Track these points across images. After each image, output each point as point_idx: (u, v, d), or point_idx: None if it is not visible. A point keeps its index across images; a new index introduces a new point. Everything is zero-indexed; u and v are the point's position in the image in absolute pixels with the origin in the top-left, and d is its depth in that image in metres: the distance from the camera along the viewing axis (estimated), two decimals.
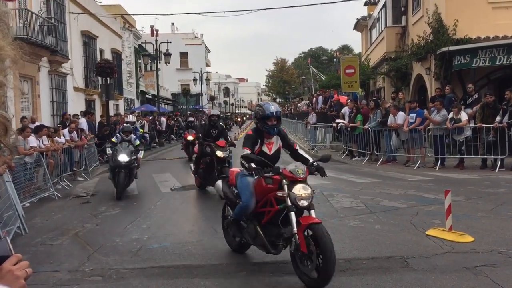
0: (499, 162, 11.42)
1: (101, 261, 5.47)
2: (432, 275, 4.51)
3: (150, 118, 26.35)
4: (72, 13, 21.51)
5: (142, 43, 39.08)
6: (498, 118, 11.43)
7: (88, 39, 24.36)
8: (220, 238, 6.18)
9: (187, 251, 5.68)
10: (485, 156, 11.80)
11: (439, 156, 12.43)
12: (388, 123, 13.71)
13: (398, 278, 4.47)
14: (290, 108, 51.59)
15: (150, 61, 34.87)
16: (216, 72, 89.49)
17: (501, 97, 12.68)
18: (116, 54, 29.71)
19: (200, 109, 49.19)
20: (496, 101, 12.05)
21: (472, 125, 12.16)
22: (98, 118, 20.35)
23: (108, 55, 27.07)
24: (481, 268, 4.59)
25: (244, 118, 60.43)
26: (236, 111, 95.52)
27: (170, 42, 34.86)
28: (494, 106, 11.79)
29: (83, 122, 15.63)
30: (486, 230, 6.00)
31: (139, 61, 38.15)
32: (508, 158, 11.39)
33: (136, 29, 41.25)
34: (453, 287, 4.19)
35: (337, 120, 17.56)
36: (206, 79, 57.23)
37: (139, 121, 22.61)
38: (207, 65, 69.57)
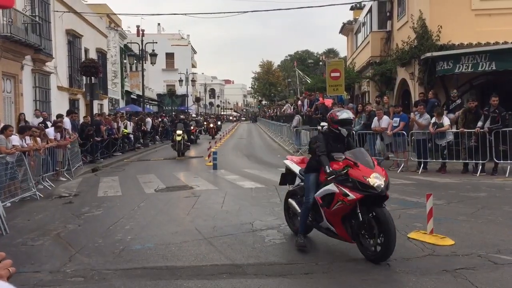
0: (480, 166, 11.60)
1: (83, 262, 5.43)
2: (413, 277, 4.57)
3: (136, 118, 26.20)
4: (57, 11, 21.31)
5: (127, 43, 38.85)
6: (479, 124, 11.62)
7: (73, 38, 24.14)
8: (204, 239, 6.19)
9: (171, 252, 5.67)
10: (467, 161, 11.99)
11: (422, 160, 12.58)
12: (372, 126, 13.84)
13: (380, 280, 4.52)
14: (275, 110, 51.70)
15: (135, 61, 34.66)
16: (202, 73, 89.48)
17: (483, 103, 12.90)
18: (101, 53, 29.49)
19: (186, 110, 49.04)
20: (478, 106, 12.25)
21: (454, 130, 12.33)
22: (82, 118, 20.15)
23: (93, 55, 26.85)
24: (461, 271, 4.67)
25: (219, 123, 47.15)
26: (222, 113, 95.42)
27: (156, 43, 34.70)
28: (476, 111, 11.98)
29: (66, 122, 15.45)
30: (467, 233, 6.09)
31: (125, 61, 37.92)
32: (489, 163, 11.59)
33: (122, 29, 41.04)
34: None
35: (322, 123, 17.65)
36: (192, 80, 57.14)
37: (123, 122, 22.46)
38: (193, 66, 69.41)
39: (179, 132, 19.02)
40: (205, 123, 40.61)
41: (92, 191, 10.96)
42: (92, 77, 17.66)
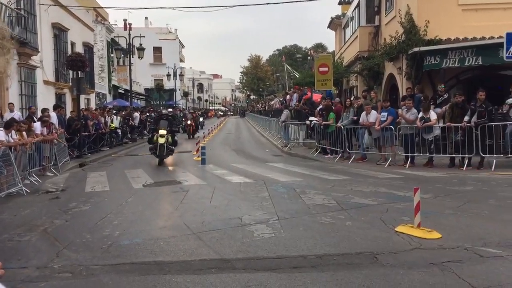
0: (467, 160, 11.73)
1: (70, 257, 5.38)
2: (400, 270, 4.61)
3: (123, 113, 26.02)
4: (43, 4, 21.00)
5: (114, 37, 38.53)
6: (466, 118, 11.74)
7: (59, 31, 23.86)
8: (192, 234, 6.18)
9: (159, 247, 5.65)
10: (453, 155, 12.10)
11: (409, 154, 12.68)
12: (360, 121, 13.90)
13: (367, 274, 4.55)
14: (264, 105, 51.72)
15: (122, 55, 34.41)
16: (190, 67, 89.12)
17: (469, 97, 13.02)
18: (88, 47, 29.20)
19: (174, 105, 48.81)
20: (465, 101, 12.36)
21: (441, 124, 12.44)
22: (69, 113, 19.97)
23: (79, 49, 26.58)
24: (447, 264, 4.72)
25: (201, 119, 42.11)
26: (210, 107, 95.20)
27: (144, 37, 34.47)
28: (462, 106, 12.09)
29: (53, 116, 15.30)
30: (453, 227, 6.16)
31: (112, 55, 37.60)
32: (475, 157, 11.71)
33: (109, 22, 40.68)
34: (420, 282, 4.29)
35: (311, 118, 17.72)
36: (180, 75, 56.94)
37: (110, 117, 22.32)
38: (181, 60, 69.10)
39: (162, 132, 14.58)
40: (183, 119, 34.99)
41: (80, 186, 10.87)
42: (79, 71, 17.48)
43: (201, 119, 41.57)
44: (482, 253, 5.03)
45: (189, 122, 29.87)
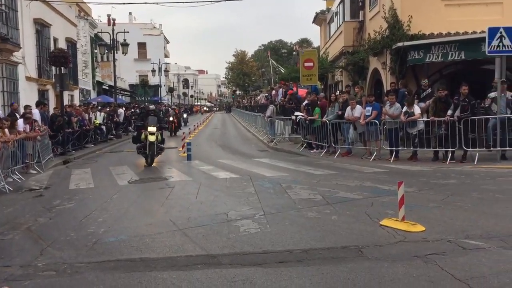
0: (450, 154, 11.87)
1: (54, 255, 5.33)
2: (385, 263, 4.66)
3: (108, 109, 25.79)
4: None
5: (98, 32, 38.13)
6: (449, 112, 11.87)
7: (41, 27, 23.52)
8: (178, 230, 6.16)
9: (145, 244, 5.62)
10: (437, 149, 12.24)
11: (394, 148, 12.79)
12: (345, 116, 13.97)
13: (352, 267, 4.58)
14: (249, 100, 51.69)
15: (106, 51, 34.12)
16: (175, 63, 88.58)
17: (453, 91, 13.16)
18: (71, 43, 28.86)
19: (159, 101, 48.51)
20: (448, 95, 12.49)
21: (425, 118, 12.56)
22: (52, 109, 19.73)
23: (62, 44, 26.22)
24: (431, 256, 4.77)
25: (185, 115, 39.57)
26: (196, 103, 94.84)
27: (128, 32, 34.14)
28: (446, 100, 12.22)
29: (36, 113, 15.10)
30: (437, 220, 6.23)
31: (95, 51, 37.19)
32: (458, 151, 11.86)
33: (92, 18, 40.18)
34: (404, 275, 4.34)
35: (296, 113, 17.75)
36: (165, 70, 56.56)
37: (94, 113, 22.11)
38: (166, 56, 68.62)
39: (152, 129, 13.20)
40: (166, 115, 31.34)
41: (64, 184, 10.77)
42: (62, 67, 17.26)
43: (184, 115, 39.18)
44: (465, 245, 5.10)
45: (171, 118, 28.13)
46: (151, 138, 13.13)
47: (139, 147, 13.69)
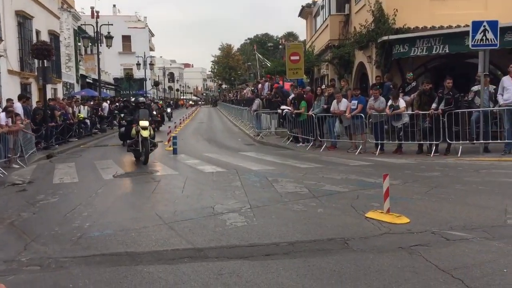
0: (434, 147, 12.00)
1: (39, 250, 5.27)
2: (370, 255, 4.70)
3: (92, 103, 25.52)
4: None
5: (81, 25, 37.62)
6: (434, 105, 11.98)
7: (23, 19, 23.13)
8: (164, 224, 6.14)
9: (130, 238, 5.59)
10: (421, 142, 12.36)
11: (379, 141, 12.89)
12: (331, 109, 14.02)
13: (338, 259, 4.62)
14: (235, 94, 51.58)
15: (90, 43, 33.67)
16: (161, 56, 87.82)
17: (437, 85, 13.29)
18: (54, 36, 28.45)
19: (144, 94, 48.11)
20: (433, 89, 12.60)
21: (409, 112, 12.66)
22: (35, 103, 19.44)
23: (45, 37, 25.84)
24: (415, 248, 4.83)
25: (169, 110, 37.64)
26: (182, 97, 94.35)
27: (112, 25, 33.77)
28: (430, 93, 12.33)
29: (18, 107, 14.86)
30: (421, 211, 6.30)
31: (79, 44, 36.73)
32: (442, 144, 11.99)
33: (75, 10, 39.64)
34: (389, 266, 4.38)
35: (282, 107, 17.77)
36: (150, 64, 56.10)
37: (77, 106, 21.88)
38: (151, 49, 68.02)
39: (144, 123, 12.11)
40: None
41: (47, 178, 10.64)
42: (45, 60, 17.01)
43: (168, 110, 36.79)
44: (449, 236, 5.17)
45: (154, 113, 27.95)
46: (144, 133, 11.93)
47: (130, 144, 12.60)
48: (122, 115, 18.15)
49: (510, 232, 5.30)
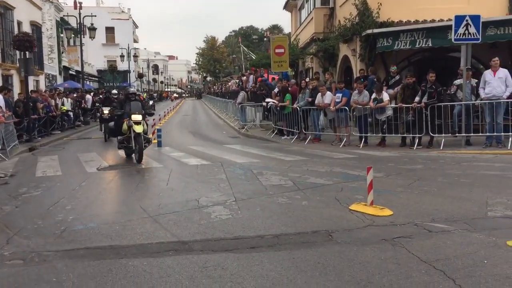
0: (417, 140, 12.14)
1: (21, 244, 5.22)
2: (354, 247, 4.75)
3: (75, 95, 25.21)
4: None
5: (64, 16, 37.06)
6: (417, 99, 12.10)
7: (4, 10, 22.70)
8: (149, 217, 6.12)
9: (115, 232, 5.56)
10: (405, 135, 12.49)
11: (363, 134, 12.98)
12: (315, 102, 14.07)
13: (322, 252, 4.66)
14: (220, 87, 51.41)
15: (73, 35, 33.22)
16: (145, 48, 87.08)
17: (420, 78, 13.41)
18: (36, 27, 27.97)
19: (128, 87, 47.67)
20: (416, 82, 12.73)
21: (393, 105, 12.77)
22: (17, 95, 19.13)
23: (26, 28, 25.40)
24: (398, 240, 4.90)
25: (150, 103, 33.12)
26: (166, 89, 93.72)
27: (95, 16, 33.29)
28: (413, 87, 12.44)
29: None
30: (404, 204, 6.39)
31: (61, 35, 36.17)
32: (425, 137, 12.14)
33: (58, 1, 38.95)
34: (373, 258, 4.44)
35: (267, 99, 17.77)
36: (134, 56, 55.55)
37: (60, 99, 21.59)
38: (135, 41, 67.31)
39: (137, 117, 11.14)
40: None
41: (30, 171, 10.51)
42: (27, 52, 16.73)
43: (151, 102, 34.39)
44: (431, 228, 5.25)
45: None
46: (138, 129, 10.90)
47: (121, 141, 11.51)
48: (104, 108, 17.77)
49: (491, 224, 5.40)
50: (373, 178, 6.16)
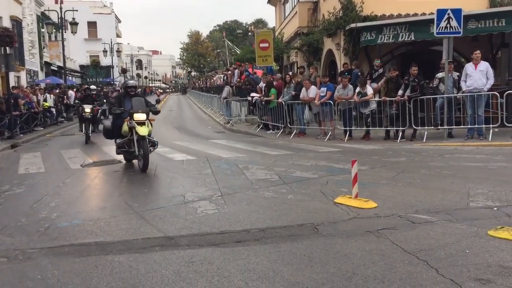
0: (401, 133, 12.26)
1: (5, 242, 5.16)
2: (339, 239, 4.80)
3: (57, 91, 24.89)
4: None
5: (45, 10, 36.50)
6: (400, 92, 12.21)
7: None
8: (135, 213, 6.10)
9: (100, 228, 5.53)
10: (389, 128, 12.61)
11: (347, 128, 13.07)
12: (300, 97, 14.11)
13: (308, 244, 4.70)
14: (205, 82, 51.20)
15: (54, 30, 32.75)
16: (128, 43, 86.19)
17: (403, 72, 13.53)
18: (16, 21, 27.52)
19: (112, 82, 47.24)
20: (399, 76, 12.84)
21: (377, 98, 12.87)
22: None
23: (7, 23, 24.96)
24: (382, 231, 4.96)
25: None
26: (150, 84, 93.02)
27: (77, 11, 32.82)
28: (397, 80, 12.55)
29: None
30: (388, 196, 6.46)
31: (42, 30, 35.62)
32: (409, 130, 12.27)
33: None
34: (357, 249, 4.49)
35: (252, 94, 17.77)
36: (117, 51, 55.03)
37: (42, 94, 21.28)
38: (118, 36, 66.64)
39: (140, 116, 9.28)
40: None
41: (12, 168, 10.38)
42: (7, 47, 16.45)
43: None
44: (414, 219, 5.33)
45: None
46: (142, 131, 9.08)
47: (121, 145, 9.72)
48: (85, 106, 15.72)
49: (472, 214, 5.49)
50: (357, 171, 6.22)
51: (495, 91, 11.63)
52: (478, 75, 11.52)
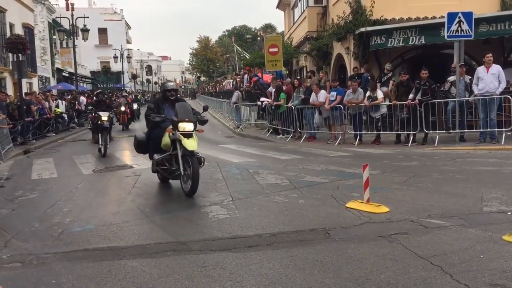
0: (412, 137, 12.19)
1: (20, 247, 5.22)
2: (351, 244, 4.78)
3: (69, 97, 25.12)
4: None
5: (56, 17, 36.91)
6: (411, 96, 12.16)
7: None
8: (147, 218, 6.13)
9: (113, 233, 5.57)
10: (399, 132, 12.55)
11: (358, 132, 13.03)
12: (310, 101, 14.10)
13: (320, 249, 4.69)
14: (214, 86, 51.35)
15: (66, 37, 33.09)
16: (138, 49, 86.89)
17: (414, 75, 13.48)
18: (28, 29, 27.86)
19: (122, 88, 47.57)
20: (410, 79, 12.79)
21: (387, 102, 12.83)
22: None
23: (19, 30, 25.30)
24: (395, 236, 4.93)
25: (135, 106, 27.79)
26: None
27: (88, 17, 33.14)
28: (407, 84, 12.50)
29: None
30: (400, 200, 6.43)
31: (54, 37, 36.03)
32: (420, 133, 12.20)
33: (50, 2, 38.79)
34: (370, 254, 4.47)
35: (262, 99, 17.79)
36: (127, 57, 55.45)
37: (54, 100, 21.47)
38: (128, 42, 67.16)
39: (188, 126, 7.39)
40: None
41: (25, 174, 10.48)
42: (20, 54, 16.66)
43: (135, 105, 28.05)
44: (427, 224, 5.29)
45: (122, 108, 22.16)
46: (191, 145, 7.23)
47: (159, 162, 7.84)
48: (101, 113, 13.49)
49: (486, 219, 5.45)
50: (369, 175, 6.20)
51: (507, 94, 11.54)
52: (490, 79, 11.44)
